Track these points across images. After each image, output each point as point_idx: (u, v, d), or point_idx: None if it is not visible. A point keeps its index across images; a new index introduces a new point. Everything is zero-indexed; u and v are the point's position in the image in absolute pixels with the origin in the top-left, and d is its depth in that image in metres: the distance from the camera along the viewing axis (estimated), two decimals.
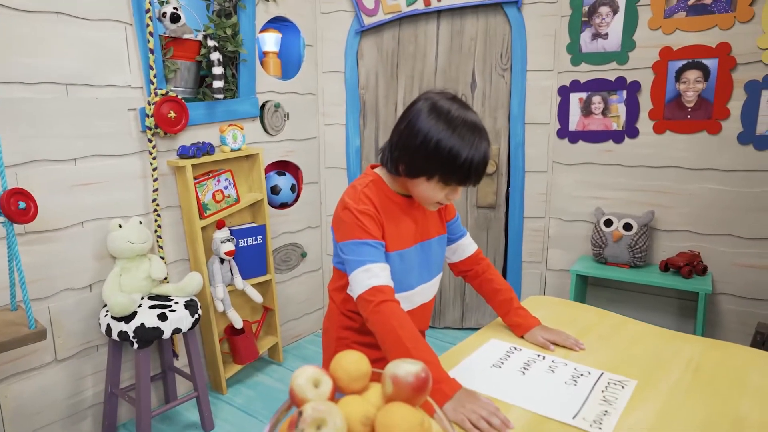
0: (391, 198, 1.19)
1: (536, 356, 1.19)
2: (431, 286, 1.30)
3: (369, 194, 1.16)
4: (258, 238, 2.52)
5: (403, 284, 1.21)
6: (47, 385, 1.97)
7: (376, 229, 1.13)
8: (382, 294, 1.07)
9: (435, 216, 1.29)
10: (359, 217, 1.12)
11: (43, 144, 1.85)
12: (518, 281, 2.91)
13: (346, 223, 1.14)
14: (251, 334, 2.52)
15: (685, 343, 1.27)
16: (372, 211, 1.14)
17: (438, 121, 1.07)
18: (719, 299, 2.45)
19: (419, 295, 1.27)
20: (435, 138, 1.06)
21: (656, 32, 2.40)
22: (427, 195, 1.13)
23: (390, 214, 1.18)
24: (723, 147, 2.34)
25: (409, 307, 1.25)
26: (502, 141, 2.83)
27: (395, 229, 1.18)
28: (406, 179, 1.15)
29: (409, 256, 1.22)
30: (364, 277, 1.09)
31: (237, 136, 2.35)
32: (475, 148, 1.07)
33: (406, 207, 1.21)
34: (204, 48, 2.26)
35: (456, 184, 1.10)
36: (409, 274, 1.23)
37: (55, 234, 1.92)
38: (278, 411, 0.76)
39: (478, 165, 1.07)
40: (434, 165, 1.08)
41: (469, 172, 1.07)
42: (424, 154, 1.07)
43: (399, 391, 0.76)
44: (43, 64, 1.82)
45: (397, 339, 1.03)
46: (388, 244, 1.16)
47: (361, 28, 2.79)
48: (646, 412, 0.97)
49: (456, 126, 1.06)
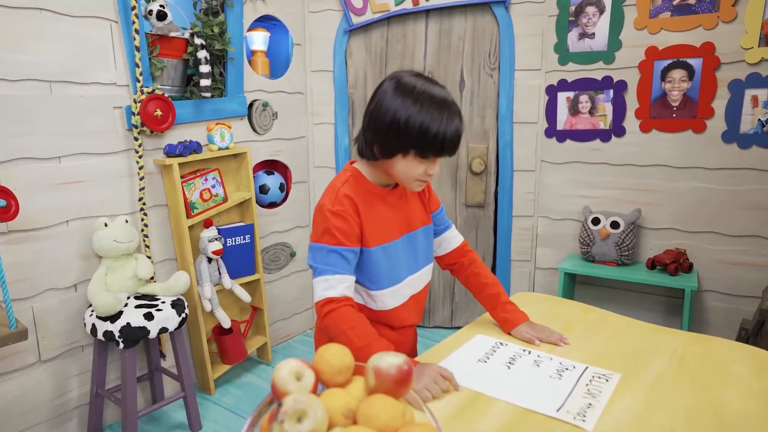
0: (372, 191, 1.19)
1: (522, 351, 1.20)
2: (421, 277, 1.30)
3: (347, 191, 1.15)
4: (246, 237, 2.50)
5: (391, 277, 1.21)
6: (31, 387, 1.94)
7: (349, 232, 1.13)
8: (334, 303, 1.09)
9: (419, 206, 1.29)
10: (332, 219, 1.12)
11: (26, 142, 1.83)
12: (507, 279, 2.92)
13: (317, 225, 1.15)
14: (239, 334, 2.51)
15: (668, 336, 1.28)
16: (347, 212, 1.13)
17: (405, 98, 1.08)
18: (705, 296, 2.47)
19: (408, 287, 1.26)
20: (404, 115, 1.07)
21: (642, 32, 2.43)
22: (406, 173, 1.13)
23: (371, 207, 1.18)
24: (708, 145, 2.37)
25: (399, 301, 1.24)
26: (490, 140, 2.84)
27: (377, 223, 1.18)
28: (384, 161, 1.15)
29: (394, 249, 1.21)
30: (321, 288, 1.11)
31: (225, 135, 2.33)
32: (445, 118, 1.08)
33: (388, 198, 1.21)
34: (191, 46, 2.25)
35: (433, 156, 1.11)
36: (397, 267, 1.22)
37: (39, 233, 1.90)
38: (260, 405, 0.75)
39: (451, 136, 1.09)
40: (407, 141, 1.08)
41: (442, 143, 1.08)
42: (396, 132, 1.08)
43: (381, 383, 0.76)
44: (27, 60, 1.81)
45: (348, 341, 1.04)
46: (370, 239, 1.16)
47: (349, 27, 2.79)
48: (630, 404, 0.98)
49: (423, 101, 1.07)
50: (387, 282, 1.20)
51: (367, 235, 1.16)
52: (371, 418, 0.69)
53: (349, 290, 1.13)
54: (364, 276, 1.20)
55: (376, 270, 1.18)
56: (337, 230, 1.12)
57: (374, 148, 1.14)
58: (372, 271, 1.19)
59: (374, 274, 1.19)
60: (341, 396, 0.74)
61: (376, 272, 1.19)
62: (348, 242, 1.13)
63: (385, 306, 1.22)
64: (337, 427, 0.69)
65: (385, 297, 1.21)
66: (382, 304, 1.22)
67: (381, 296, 1.21)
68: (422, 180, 1.15)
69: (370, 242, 1.17)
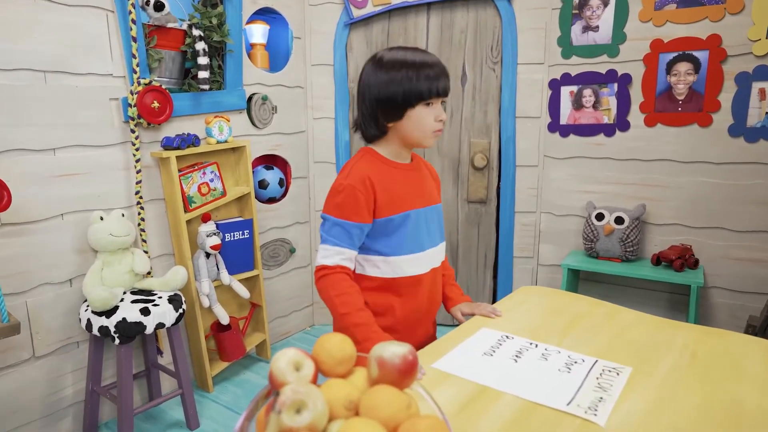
0: (391, 165, 1.27)
1: (528, 344, 1.16)
2: (440, 252, 1.37)
3: (362, 166, 1.24)
4: (245, 232, 2.47)
5: (413, 245, 1.27)
6: (25, 383, 1.90)
7: (357, 207, 1.21)
8: (327, 269, 1.22)
9: (432, 184, 1.38)
10: (341, 193, 1.21)
11: (20, 133, 1.80)
12: (509, 277, 2.88)
13: (329, 197, 1.25)
14: (238, 331, 2.47)
15: (678, 330, 1.25)
16: (358, 187, 1.20)
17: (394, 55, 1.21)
18: (711, 293, 2.44)
19: (430, 259, 1.33)
20: (398, 65, 1.19)
21: (647, 24, 2.39)
22: (419, 126, 1.21)
23: (389, 178, 1.25)
24: (714, 139, 2.33)
25: (422, 270, 1.30)
26: (492, 135, 2.80)
27: (397, 192, 1.25)
28: (395, 129, 1.23)
29: (417, 218, 1.27)
30: (320, 255, 1.23)
31: (223, 128, 2.30)
32: (429, 56, 1.21)
33: (406, 172, 1.29)
34: (189, 37, 2.21)
35: (435, 95, 1.19)
36: (419, 236, 1.28)
37: (34, 226, 1.86)
38: (257, 397, 0.72)
39: (440, 68, 1.20)
40: (409, 87, 1.18)
41: (438, 76, 1.19)
42: (398, 84, 1.18)
43: (385, 374, 0.72)
44: (21, 49, 1.77)
45: (333, 306, 1.20)
46: (390, 207, 1.23)
47: (350, 20, 2.76)
48: (642, 398, 0.94)
49: (407, 50, 1.22)
50: (408, 248, 1.26)
51: (385, 204, 1.23)
52: (374, 410, 0.65)
53: (346, 262, 1.23)
54: (382, 244, 1.25)
55: (398, 236, 1.25)
56: (344, 204, 1.20)
57: (379, 120, 1.23)
58: (393, 237, 1.25)
59: (395, 240, 1.25)
60: (342, 387, 0.71)
61: (397, 238, 1.25)
62: (354, 217, 1.21)
63: (404, 272, 1.27)
64: (338, 420, 0.66)
65: (404, 263, 1.27)
66: (401, 270, 1.27)
67: (400, 262, 1.26)
68: (436, 130, 1.23)
69: (389, 210, 1.23)
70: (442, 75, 1.21)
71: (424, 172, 1.37)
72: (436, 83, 1.19)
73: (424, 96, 1.19)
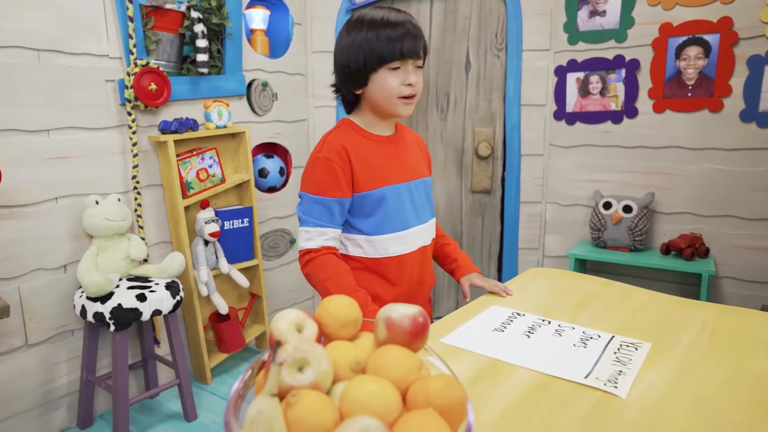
0: (366, 136, 1.19)
1: (540, 321, 1.10)
2: (428, 229, 1.28)
3: (337, 137, 1.17)
4: (245, 220, 2.41)
5: (396, 223, 1.19)
6: (17, 372, 1.84)
7: (334, 181, 1.13)
8: (313, 253, 1.15)
9: (420, 158, 1.29)
10: (317, 168, 1.14)
11: (12, 112, 1.74)
12: (514, 268, 2.82)
13: (305, 174, 1.18)
14: (237, 322, 2.41)
15: (696, 308, 1.19)
16: (334, 159, 1.13)
17: (358, 18, 1.13)
18: (722, 282, 2.38)
19: (418, 237, 1.24)
20: (360, 26, 1.11)
21: (655, 8, 2.34)
22: (384, 91, 1.12)
23: (366, 151, 1.17)
24: (724, 125, 2.28)
25: (408, 249, 1.22)
26: (497, 123, 2.75)
27: (374, 166, 1.17)
28: (366, 96, 1.15)
29: (397, 193, 1.19)
30: (302, 239, 1.17)
31: (222, 113, 2.25)
32: (395, 14, 1.12)
33: (385, 145, 1.21)
34: (187, 20, 2.16)
35: (399, 59, 1.10)
36: (401, 213, 1.20)
37: (26, 209, 1.81)
38: (253, 363, 0.66)
39: (400, 25, 1.10)
40: (369, 50, 1.10)
41: (400, 36, 1.09)
42: (358, 46, 1.11)
43: (394, 336, 0.66)
44: (13, 27, 1.72)
45: (325, 290, 1.12)
46: (367, 182, 1.15)
47: (352, 6, 2.71)
48: (664, 372, 0.88)
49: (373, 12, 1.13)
50: (389, 227, 1.18)
51: (362, 178, 1.15)
52: (383, 370, 0.59)
53: (331, 242, 1.16)
54: (363, 222, 1.17)
55: (379, 214, 1.16)
56: (320, 179, 1.13)
57: (350, 85, 1.15)
58: (374, 215, 1.17)
59: (377, 219, 1.17)
60: (348, 348, 0.65)
61: (378, 217, 1.17)
62: (332, 192, 1.13)
63: (387, 252, 1.19)
64: (343, 382, 0.60)
65: (387, 243, 1.18)
66: (384, 249, 1.19)
67: (382, 241, 1.18)
68: (405, 96, 1.13)
69: (367, 185, 1.15)
70: (407, 35, 1.10)
71: (410, 144, 1.27)
72: (399, 44, 1.09)
73: (385, 58, 1.09)
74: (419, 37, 1.12)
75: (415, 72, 1.13)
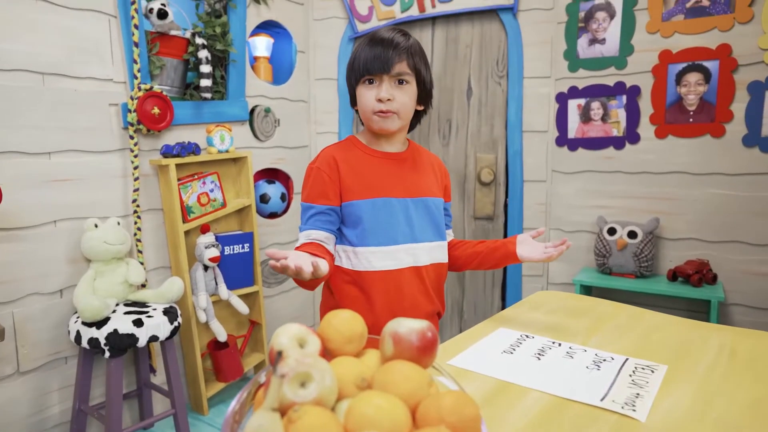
0: (365, 150, 1.21)
1: (551, 343, 1.06)
2: (427, 250, 1.22)
3: (332, 149, 1.20)
4: (245, 246, 2.38)
5: (383, 236, 1.17)
6: (7, 401, 1.78)
7: (323, 190, 1.15)
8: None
9: (432, 179, 1.27)
10: (309, 177, 1.18)
11: (14, 134, 1.74)
12: (518, 295, 2.77)
13: (302, 184, 1.21)
14: (236, 350, 2.36)
15: (711, 331, 1.15)
16: (324, 168, 1.16)
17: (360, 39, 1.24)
18: (731, 310, 2.33)
19: (407, 254, 1.19)
20: (353, 53, 1.17)
21: (654, 36, 2.37)
22: (363, 105, 1.15)
23: (359, 163, 1.18)
24: (727, 150, 2.27)
25: (394, 265, 1.17)
26: (499, 150, 2.75)
27: (365, 178, 1.17)
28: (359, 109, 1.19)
29: (388, 208, 1.17)
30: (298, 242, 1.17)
31: (225, 138, 2.24)
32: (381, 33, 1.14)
33: (386, 160, 1.21)
34: (192, 46, 2.18)
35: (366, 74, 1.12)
36: (390, 227, 1.17)
37: (25, 232, 1.78)
38: (252, 381, 0.63)
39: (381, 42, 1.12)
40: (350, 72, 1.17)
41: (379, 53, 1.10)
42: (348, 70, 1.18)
43: (401, 352, 0.63)
44: (19, 50, 1.73)
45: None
46: (354, 192, 1.16)
47: (354, 34, 2.74)
48: (684, 395, 0.84)
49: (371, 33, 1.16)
50: (374, 239, 1.15)
51: (350, 188, 1.16)
52: (391, 385, 0.56)
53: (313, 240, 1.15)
54: (350, 232, 1.17)
55: (362, 224, 1.15)
56: (312, 188, 1.16)
57: (350, 101, 1.21)
58: (358, 225, 1.16)
59: (360, 230, 1.16)
60: (353, 364, 0.62)
61: (362, 227, 1.15)
62: (320, 200, 1.15)
63: (371, 266, 1.16)
64: (348, 399, 0.56)
65: (371, 255, 1.16)
66: (368, 263, 1.16)
67: (366, 253, 1.16)
68: (379, 111, 1.13)
69: (354, 195, 1.16)
70: (383, 52, 1.10)
71: (421, 164, 1.25)
72: (373, 59, 1.10)
73: (359, 73, 1.13)
74: (397, 55, 1.11)
75: (392, 87, 1.13)
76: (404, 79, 1.13)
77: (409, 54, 1.13)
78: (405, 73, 1.13)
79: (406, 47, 1.13)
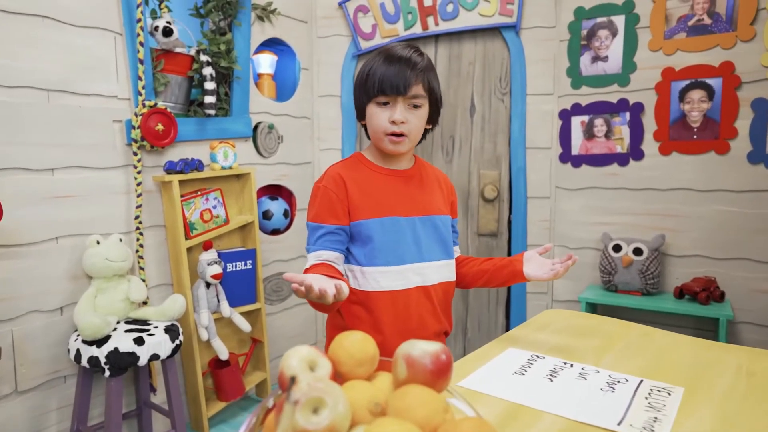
0: (372, 168, 1.19)
1: (563, 364, 1.04)
2: (436, 269, 1.20)
3: (338, 167, 1.18)
4: (248, 263, 2.36)
5: (390, 256, 1.14)
6: (4, 421, 1.75)
7: (330, 209, 1.13)
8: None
9: (439, 197, 1.25)
10: (315, 196, 1.16)
11: (18, 151, 1.73)
12: (523, 313, 2.74)
13: (308, 203, 1.20)
14: (237, 368, 2.32)
15: (725, 351, 1.13)
16: (330, 186, 1.14)
17: (374, 53, 1.17)
18: (739, 328, 2.30)
19: (416, 274, 1.17)
20: (365, 67, 1.15)
21: (657, 53, 2.37)
22: (374, 126, 1.14)
23: (366, 181, 1.17)
24: (732, 167, 2.26)
25: (401, 285, 1.15)
26: (502, 166, 2.74)
27: (373, 197, 1.15)
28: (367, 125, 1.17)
29: (396, 227, 1.15)
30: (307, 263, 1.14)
31: (228, 154, 2.24)
32: (397, 53, 1.11)
33: (393, 178, 1.20)
34: (196, 63, 2.19)
35: (381, 95, 1.10)
36: (399, 247, 1.15)
37: (26, 249, 1.77)
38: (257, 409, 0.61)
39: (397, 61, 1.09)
40: (362, 88, 1.14)
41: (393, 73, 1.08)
42: (358, 83, 1.15)
43: (414, 375, 0.61)
44: (24, 67, 1.73)
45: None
46: (362, 211, 1.14)
47: (358, 52, 2.76)
48: (703, 418, 0.82)
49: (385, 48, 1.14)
50: (383, 259, 1.13)
51: (358, 207, 1.13)
52: (406, 411, 0.54)
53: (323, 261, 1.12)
54: (358, 251, 1.15)
55: (370, 244, 1.13)
56: (319, 207, 1.14)
57: (357, 115, 1.20)
58: (366, 245, 1.14)
59: (369, 249, 1.13)
60: (365, 388, 0.60)
61: (370, 247, 1.13)
62: (329, 219, 1.13)
63: (379, 286, 1.13)
64: (361, 425, 0.54)
65: (379, 275, 1.13)
66: (375, 282, 1.14)
67: (374, 273, 1.13)
68: (389, 133, 1.12)
69: (362, 214, 1.13)
70: (399, 72, 1.08)
71: (427, 181, 1.24)
72: (388, 80, 1.08)
73: (371, 93, 1.11)
74: (414, 76, 1.09)
75: (406, 110, 1.11)
76: (418, 103, 1.13)
77: (424, 74, 1.12)
78: (420, 95, 1.12)
79: (423, 68, 1.11)
